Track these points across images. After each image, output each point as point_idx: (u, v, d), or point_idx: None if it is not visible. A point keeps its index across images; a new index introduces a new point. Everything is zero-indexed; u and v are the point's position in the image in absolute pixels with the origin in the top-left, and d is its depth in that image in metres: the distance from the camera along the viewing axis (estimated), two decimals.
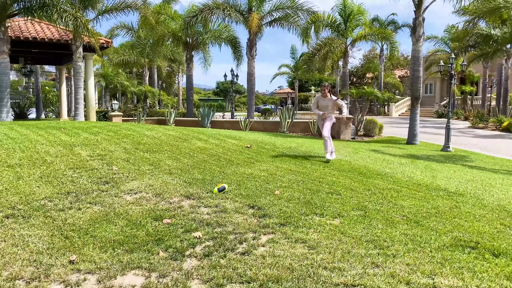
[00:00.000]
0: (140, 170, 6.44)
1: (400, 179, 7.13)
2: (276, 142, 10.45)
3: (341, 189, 5.94)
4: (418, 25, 13.08)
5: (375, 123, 15.81)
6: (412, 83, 13.46)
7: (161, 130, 10.12)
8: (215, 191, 5.45)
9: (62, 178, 5.87)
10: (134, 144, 8.20)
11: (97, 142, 8.09)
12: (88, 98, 17.72)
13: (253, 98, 20.06)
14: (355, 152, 10.06)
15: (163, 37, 21.67)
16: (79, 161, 6.72)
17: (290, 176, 6.59)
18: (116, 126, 10.38)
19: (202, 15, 18.96)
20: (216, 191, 5.44)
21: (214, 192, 5.44)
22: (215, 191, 5.44)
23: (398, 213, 5.02)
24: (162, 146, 8.24)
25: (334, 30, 18.83)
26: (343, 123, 14.62)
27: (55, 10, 13.47)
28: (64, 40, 16.39)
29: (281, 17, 19.96)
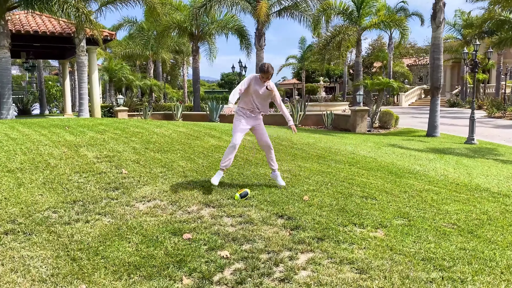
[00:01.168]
0: (152, 173, 5.89)
1: (434, 178, 6.54)
2: (293, 138, 9.86)
3: (375, 192, 5.37)
4: (438, 10, 12.37)
5: (391, 114, 15.17)
6: (432, 72, 12.79)
7: (171, 127, 9.56)
8: (237, 197, 4.90)
9: (67, 184, 5.33)
10: (143, 143, 7.64)
11: (104, 141, 7.54)
12: (92, 93, 17.17)
13: None
14: (377, 147, 9.45)
15: (169, 28, 21.01)
16: (85, 163, 6.18)
17: (316, 177, 6.02)
18: (123, 123, 9.82)
19: (209, 4, 18.28)
20: (238, 197, 4.89)
21: (236, 198, 4.89)
22: (237, 197, 4.89)
23: (446, 221, 4.44)
24: (173, 145, 7.68)
25: (347, 17, 18.07)
26: (358, 116, 13.98)
27: (56, 1, 12.86)
28: (67, 33, 15.80)
29: (290, 5, 19.23)
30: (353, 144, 9.71)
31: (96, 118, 10.58)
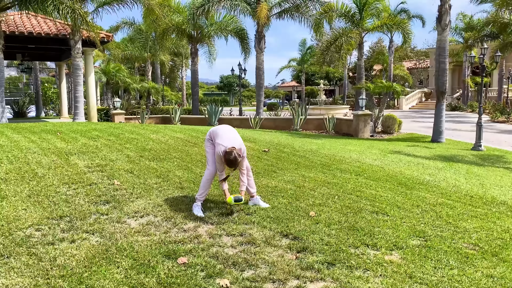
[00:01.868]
0: (146, 184, 5.50)
1: (446, 190, 6.16)
2: (294, 144, 9.48)
3: (386, 207, 4.99)
4: (444, 12, 12.01)
5: (394, 119, 14.80)
6: (437, 76, 12.42)
7: (168, 133, 9.17)
8: (230, 200, 4.48)
9: (54, 197, 4.94)
10: (138, 150, 7.25)
11: (97, 149, 7.15)
12: (88, 96, 16.77)
13: (262, 94, 19.07)
14: (383, 155, 9.07)
15: (167, 30, 20.64)
16: (75, 173, 5.79)
17: (321, 189, 5.64)
18: (118, 128, 9.43)
19: (208, 5, 17.92)
20: (232, 200, 4.49)
21: (229, 201, 4.49)
22: (230, 200, 4.49)
23: (466, 241, 4.06)
24: (170, 153, 7.29)
25: (349, 20, 17.73)
26: (361, 120, 13.61)
27: (51, 1, 12.48)
28: (62, 34, 15.42)
29: (290, 7, 18.87)
30: (358, 151, 9.34)
31: (90, 123, 10.19)
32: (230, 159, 4.30)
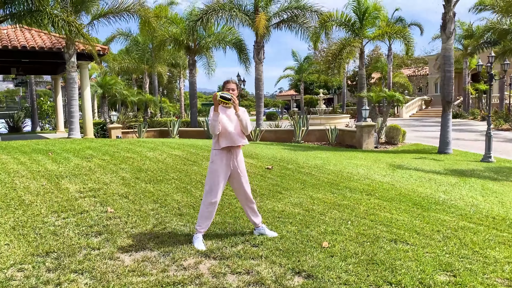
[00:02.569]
0: (142, 211, 5.08)
1: (465, 210, 5.74)
2: (298, 159, 9.06)
3: (404, 233, 4.56)
4: (448, 20, 11.70)
5: (398, 129, 14.41)
6: (443, 85, 12.07)
7: (166, 150, 8.75)
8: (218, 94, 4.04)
9: (41, 228, 4.52)
10: (134, 171, 6.83)
11: (90, 170, 6.72)
12: (84, 110, 16.36)
13: (261, 104, 18.70)
14: (392, 170, 8.66)
15: (164, 42, 20.33)
16: (65, 200, 5.36)
17: (332, 212, 5.21)
18: (114, 146, 9.02)
19: (206, 17, 17.61)
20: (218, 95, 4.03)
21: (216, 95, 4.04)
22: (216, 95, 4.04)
23: (500, 275, 3.64)
24: (167, 173, 6.86)
25: (349, 29, 17.43)
26: (365, 132, 13.22)
27: (45, 15, 12.13)
28: (57, 48, 15.06)
29: (289, 18, 18.59)
30: (365, 166, 8.93)
31: (84, 141, 9.77)
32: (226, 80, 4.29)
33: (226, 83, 4.26)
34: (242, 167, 4.32)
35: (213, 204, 4.21)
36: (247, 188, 4.35)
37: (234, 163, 4.23)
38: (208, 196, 4.21)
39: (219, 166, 4.18)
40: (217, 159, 4.20)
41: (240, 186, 4.31)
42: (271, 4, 18.30)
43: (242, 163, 4.35)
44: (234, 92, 4.21)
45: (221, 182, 4.19)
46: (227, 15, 17.58)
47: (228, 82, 4.26)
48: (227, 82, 4.26)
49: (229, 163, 4.20)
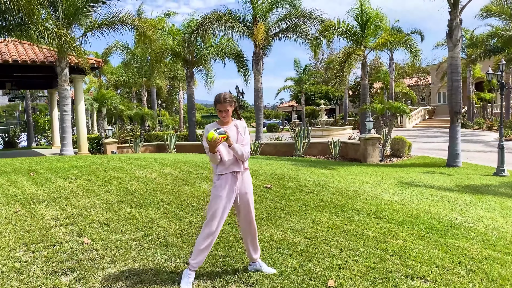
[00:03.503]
0: (123, 242, 4.49)
1: (486, 235, 5.13)
2: (300, 176, 8.47)
3: (421, 266, 3.96)
4: (455, 27, 11.19)
5: (404, 141, 13.82)
6: (450, 95, 11.52)
7: (157, 168, 8.18)
8: (212, 135, 3.33)
9: (5, 265, 3.94)
10: (119, 193, 6.25)
11: (71, 193, 6.14)
12: (78, 125, 15.85)
13: (261, 117, 18.16)
14: (400, 186, 8.07)
15: (162, 54, 19.91)
16: (39, 229, 4.79)
17: (337, 241, 4.62)
18: (102, 164, 8.46)
19: (202, 28, 17.18)
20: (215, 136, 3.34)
21: (211, 136, 3.34)
22: (212, 136, 3.33)
23: None
24: (156, 195, 6.28)
25: (350, 38, 16.97)
26: (369, 144, 12.64)
27: (35, 28, 11.70)
28: (49, 61, 14.61)
29: (288, 27, 18.17)
30: (371, 182, 8.34)
31: (72, 159, 9.22)
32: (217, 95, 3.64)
33: (217, 103, 3.60)
34: (250, 190, 3.72)
35: (212, 234, 3.59)
36: (253, 216, 3.75)
37: (240, 186, 3.65)
38: (208, 226, 3.59)
39: (222, 191, 3.59)
40: (219, 184, 3.61)
41: (246, 213, 3.71)
42: (269, 14, 17.88)
43: (250, 185, 3.74)
44: (228, 112, 3.60)
45: (224, 209, 3.59)
46: (225, 26, 17.15)
47: (219, 101, 3.57)
48: (218, 102, 3.59)
49: (233, 187, 3.62)
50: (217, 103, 3.61)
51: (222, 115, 3.61)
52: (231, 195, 3.61)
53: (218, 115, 3.66)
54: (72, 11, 13.43)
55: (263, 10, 17.66)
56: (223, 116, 3.62)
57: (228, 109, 3.59)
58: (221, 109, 3.59)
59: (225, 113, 3.58)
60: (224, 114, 3.59)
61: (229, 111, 3.61)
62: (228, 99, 3.60)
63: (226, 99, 3.59)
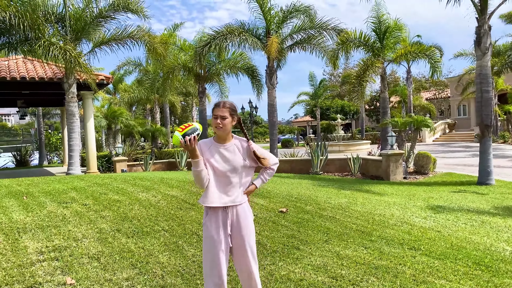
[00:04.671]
0: (113, 283, 3.79)
1: None
2: (319, 197, 7.70)
3: None
4: (483, 34, 10.40)
5: (428, 157, 12.91)
6: (480, 107, 10.67)
7: (162, 189, 7.52)
8: (177, 139, 2.64)
9: None
10: (117, 220, 5.57)
11: (63, 220, 5.50)
12: (87, 143, 15.41)
13: (275, 132, 17.44)
14: (432, 209, 7.22)
15: (173, 70, 19.51)
16: (17, 265, 4.12)
17: (368, 281, 3.83)
18: (104, 185, 7.84)
19: (215, 42, 16.70)
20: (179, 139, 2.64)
21: (175, 141, 2.66)
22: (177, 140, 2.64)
23: None
24: (157, 222, 5.59)
25: (368, 49, 16.26)
26: (392, 161, 11.78)
27: (41, 43, 11.32)
28: (58, 78, 14.25)
29: (303, 39, 17.56)
30: (399, 204, 7.51)
31: (73, 180, 8.64)
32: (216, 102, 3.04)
33: (214, 108, 2.92)
34: (248, 230, 2.90)
35: (220, 286, 2.82)
36: (253, 266, 2.91)
37: (233, 223, 2.88)
38: (209, 279, 2.81)
39: (213, 231, 2.84)
40: (208, 221, 2.87)
41: (243, 264, 2.91)
42: (283, 26, 17.32)
43: (248, 223, 2.91)
44: (226, 120, 2.85)
45: (220, 253, 2.82)
46: (237, 39, 16.64)
47: (217, 105, 2.90)
48: (215, 107, 2.91)
49: (226, 224, 2.86)
50: (214, 108, 2.90)
51: (217, 123, 2.82)
52: (225, 234, 2.85)
53: (213, 126, 2.88)
54: (80, 26, 13.08)
55: (276, 22, 17.13)
56: (218, 125, 2.83)
57: (225, 116, 2.84)
58: (217, 113, 2.84)
59: (221, 121, 2.82)
60: (219, 121, 2.82)
61: (227, 120, 2.85)
62: (228, 105, 2.90)
63: (226, 104, 2.89)
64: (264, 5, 16.75)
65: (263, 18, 16.96)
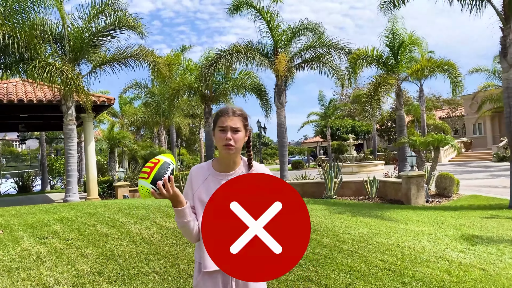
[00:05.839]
0: None
1: None
2: (336, 227, 6.78)
3: None
4: (509, 45, 9.57)
5: (451, 178, 11.91)
6: (509, 123, 9.73)
7: (158, 220, 6.68)
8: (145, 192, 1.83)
9: None
10: (100, 260, 4.72)
11: (37, 261, 4.66)
12: (88, 167, 14.71)
13: (285, 153, 16.60)
14: (468, 240, 6.26)
15: (178, 91, 18.95)
16: None
17: None
18: (95, 215, 7.03)
19: (220, 62, 16.12)
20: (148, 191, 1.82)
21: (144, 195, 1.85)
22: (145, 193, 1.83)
23: None
24: (148, 261, 4.72)
25: (382, 66, 15.51)
26: (413, 183, 10.83)
27: (35, 63, 10.77)
28: (57, 100, 13.68)
29: (312, 57, 16.91)
30: (428, 234, 6.56)
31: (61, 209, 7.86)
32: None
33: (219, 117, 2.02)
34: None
35: None
36: None
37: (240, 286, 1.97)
38: None
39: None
40: (203, 285, 1.99)
41: None
42: (291, 44, 16.70)
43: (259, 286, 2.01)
44: (239, 135, 1.98)
45: None
46: (244, 58, 16.02)
47: (224, 113, 2.00)
48: (221, 115, 2.01)
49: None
50: (218, 118, 2.02)
51: (227, 141, 1.93)
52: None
53: (219, 144, 1.99)
54: (79, 46, 12.55)
55: (285, 40, 16.52)
56: (229, 145, 1.94)
57: (238, 129, 1.97)
58: (226, 124, 1.96)
59: (233, 136, 1.95)
60: (230, 137, 1.94)
61: (240, 135, 1.98)
62: (239, 112, 2.03)
63: (236, 112, 2.01)
64: (271, 22, 16.20)
65: (271, 35, 16.39)
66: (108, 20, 12.37)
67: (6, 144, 64.03)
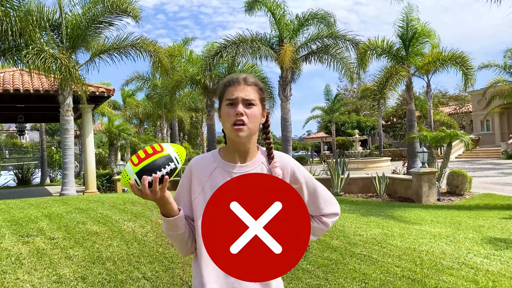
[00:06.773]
0: None
1: None
2: (346, 227, 6.28)
3: None
4: None
5: (464, 176, 11.38)
6: None
7: (155, 217, 6.21)
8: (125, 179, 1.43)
9: None
10: (85, 262, 4.24)
11: (15, 263, 4.19)
12: (86, 160, 14.27)
13: (290, 148, 16.07)
14: (491, 243, 5.76)
15: (180, 83, 18.42)
16: None
17: None
18: (87, 211, 6.57)
19: (226, 51, 15.59)
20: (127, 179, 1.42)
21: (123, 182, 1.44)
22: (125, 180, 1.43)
23: None
24: (138, 264, 4.25)
25: (392, 57, 14.94)
26: (425, 181, 10.30)
27: (28, 50, 10.28)
28: (54, 90, 13.20)
29: (319, 48, 16.33)
30: (445, 236, 6.05)
31: (52, 204, 7.40)
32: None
33: (227, 88, 1.54)
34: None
35: None
36: None
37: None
38: None
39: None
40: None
41: None
42: (298, 34, 16.13)
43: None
44: (254, 109, 1.50)
45: None
46: (250, 48, 15.48)
47: (234, 82, 1.51)
48: (231, 84, 1.52)
49: None
50: (226, 88, 1.54)
51: (234, 117, 1.48)
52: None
53: (226, 124, 1.52)
54: (77, 33, 12.04)
55: (291, 30, 15.95)
56: (239, 121, 1.47)
57: (252, 101, 1.50)
58: (236, 95, 1.49)
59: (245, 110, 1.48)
60: (238, 111, 1.47)
61: (256, 110, 1.51)
62: (253, 80, 1.54)
63: (249, 79, 1.53)
64: (277, 11, 15.63)
65: (276, 25, 15.82)
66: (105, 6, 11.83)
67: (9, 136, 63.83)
